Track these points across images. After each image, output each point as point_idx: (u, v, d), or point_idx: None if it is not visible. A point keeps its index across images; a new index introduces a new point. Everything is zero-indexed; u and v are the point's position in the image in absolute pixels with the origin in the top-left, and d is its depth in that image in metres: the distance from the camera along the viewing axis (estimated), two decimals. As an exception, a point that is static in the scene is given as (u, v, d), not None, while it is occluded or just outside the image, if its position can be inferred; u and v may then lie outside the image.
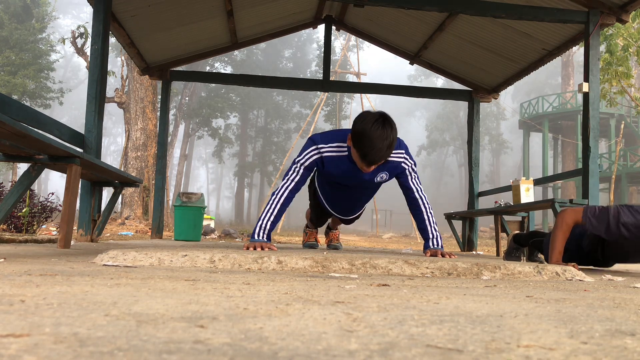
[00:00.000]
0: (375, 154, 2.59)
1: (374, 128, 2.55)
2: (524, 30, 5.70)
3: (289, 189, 2.89)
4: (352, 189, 3.23)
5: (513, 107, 40.84)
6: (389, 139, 2.58)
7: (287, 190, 2.89)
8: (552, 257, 2.78)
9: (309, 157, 2.90)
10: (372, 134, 2.55)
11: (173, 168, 36.79)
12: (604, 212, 2.72)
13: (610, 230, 2.69)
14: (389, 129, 2.58)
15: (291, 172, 2.92)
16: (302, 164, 2.90)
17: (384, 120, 2.59)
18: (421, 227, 3.04)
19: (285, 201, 2.88)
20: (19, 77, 20.16)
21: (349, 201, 3.48)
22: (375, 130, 2.55)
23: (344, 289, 1.43)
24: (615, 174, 14.84)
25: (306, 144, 2.95)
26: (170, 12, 5.76)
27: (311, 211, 4.05)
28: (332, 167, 2.94)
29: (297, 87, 8.24)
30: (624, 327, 0.92)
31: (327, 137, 2.92)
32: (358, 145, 2.62)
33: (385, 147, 2.58)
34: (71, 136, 4.11)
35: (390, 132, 2.58)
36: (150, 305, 0.97)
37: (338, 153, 2.89)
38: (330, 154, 2.90)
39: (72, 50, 30.39)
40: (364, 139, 2.58)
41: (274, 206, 2.86)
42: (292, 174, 2.91)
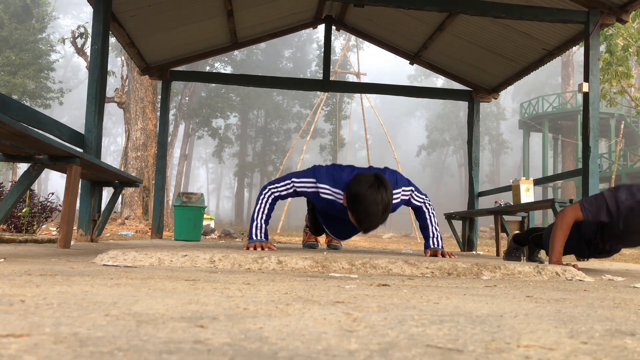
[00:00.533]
0: (371, 219, 2.55)
1: (368, 192, 2.50)
2: (524, 30, 5.70)
3: (274, 195, 2.89)
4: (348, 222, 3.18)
5: (513, 107, 40.85)
6: (384, 203, 2.52)
7: (273, 197, 2.89)
8: (552, 257, 2.78)
9: (306, 187, 2.88)
10: (366, 199, 2.50)
11: (173, 168, 36.78)
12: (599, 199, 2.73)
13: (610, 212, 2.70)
14: (384, 192, 2.52)
15: (283, 183, 2.90)
16: (296, 186, 2.88)
17: (379, 184, 2.53)
18: (423, 227, 3.07)
19: (271, 206, 2.90)
20: (19, 77, 20.16)
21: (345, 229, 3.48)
22: (370, 195, 2.50)
23: (344, 289, 1.43)
24: (615, 174, 14.85)
25: (308, 172, 2.92)
26: (170, 12, 5.75)
27: (309, 221, 4.04)
28: (327, 205, 2.93)
29: (297, 87, 8.24)
30: (624, 327, 0.92)
31: (330, 179, 2.85)
32: (353, 210, 2.58)
33: (380, 211, 2.53)
34: (71, 136, 4.11)
35: (385, 195, 2.52)
36: (150, 305, 0.97)
37: (335, 197, 2.85)
38: (327, 196, 2.86)
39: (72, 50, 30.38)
40: (359, 205, 2.53)
41: (264, 205, 2.88)
42: (283, 186, 2.89)
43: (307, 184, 2.87)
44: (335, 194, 2.84)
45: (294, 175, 2.93)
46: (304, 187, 2.88)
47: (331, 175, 2.86)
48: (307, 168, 2.99)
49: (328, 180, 2.84)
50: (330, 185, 2.83)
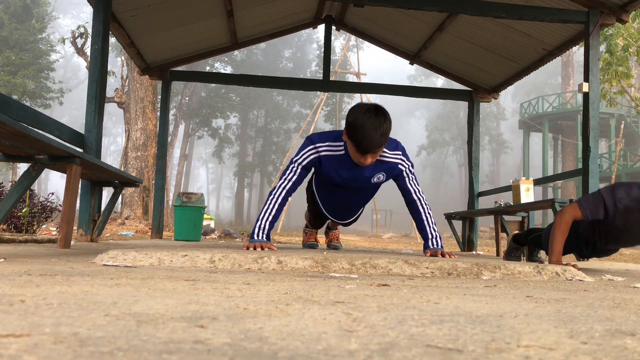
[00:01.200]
0: (369, 141, 2.57)
1: (366, 116, 2.55)
2: (524, 30, 5.70)
3: (286, 188, 2.89)
4: (348, 191, 3.19)
5: (513, 107, 40.84)
6: (383, 127, 2.56)
7: (285, 190, 2.88)
8: (552, 257, 2.78)
9: (307, 156, 2.90)
10: (365, 122, 2.55)
11: (173, 168, 36.78)
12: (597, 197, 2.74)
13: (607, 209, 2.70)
14: (382, 118, 2.57)
15: (289, 171, 2.92)
16: (299, 163, 2.90)
17: (377, 110, 2.59)
18: (420, 228, 3.04)
19: (282, 201, 2.88)
20: (19, 77, 20.17)
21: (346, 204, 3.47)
22: (368, 119, 2.55)
23: (344, 289, 1.43)
24: (615, 174, 14.85)
25: (304, 144, 2.95)
26: (170, 12, 5.75)
27: (309, 213, 4.05)
28: (329, 166, 2.94)
29: (297, 87, 8.24)
30: (624, 327, 0.92)
31: (324, 136, 2.92)
32: (352, 135, 2.62)
33: (379, 134, 2.56)
34: (71, 136, 4.11)
35: (383, 121, 2.57)
36: (150, 305, 0.97)
37: (335, 152, 2.89)
38: (328, 152, 2.89)
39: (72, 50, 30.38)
40: (357, 128, 2.57)
41: (272, 206, 2.86)
42: (290, 174, 2.91)
43: (307, 153, 2.89)
44: (336, 147, 2.87)
45: (292, 158, 2.96)
46: (306, 158, 2.89)
47: (328, 134, 2.92)
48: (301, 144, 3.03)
49: (325, 138, 2.89)
50: (329, 142, 2.87)
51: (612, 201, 2.69)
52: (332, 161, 2.92)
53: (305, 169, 2.92)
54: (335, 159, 2.90)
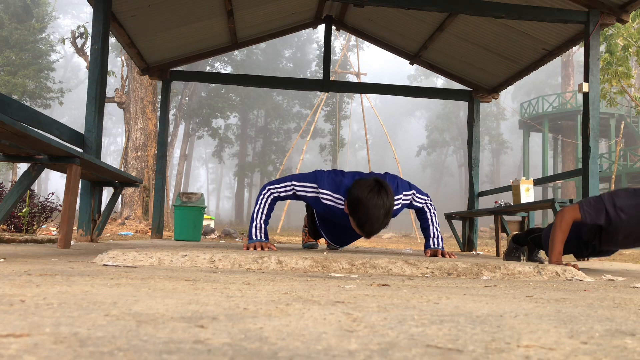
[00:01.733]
0: (372, 223, 2.54)
1: (369, 197, 2.50)
2: (524, 30, 5.70)
3: (274, 196, 2.87)
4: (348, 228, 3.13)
5: (513, 107, 40.84)
6: (386, 207, 2.52)
7: (273, 197, 2.87)
8: (552, 257, 2.78)
9: (306, 190, 2.86)
10: (367, 203, 2.49)
11: (173, 168, 36.78)
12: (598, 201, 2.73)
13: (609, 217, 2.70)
14: (385, 197, 2.52)
15: (284, 184, 2.88)
16: (296, 189, 2.86)
17: (380, 188, 2.53)
18: (424, 227, 3.07)
19: (270, 206, 2.88)
20: (19, 77, 20.17)
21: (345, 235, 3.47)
22: (371, 200, 2.49)
23: (344, 289, 1.43)
24: (615, 174, 14.84)
25: (309, 176, 2.89)
26: (170, 12, 5.75)
27: (309, 226, 4.02)
28: (328, 211, 2.91)
29: (297, 87, 8.24)
30: (624, 327, 0.92)
31: (331, 184, 2.84)
32: (355, 215, 2.58)
33: (382, 216, 2.53)
34: (71, 136, 4.11)
35: (386, 200, 2.52)
36: (150, 305, 0.97)
37: (336, 204, 2.84)
38: (327, 202, 2.84)
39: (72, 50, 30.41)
40: (360, 209, 2.53)
41: (263, 206, 2.86)
42: (284, 188, 2.87)
43: (308, 188, 2.86)
44: (336, 199, 2.82)
45: (295, 177, 2.91)
46: (304, 191, 2.86)
47: (332, 181, 2.84)
48: (308, 172, 2.96)
49: (329, 185, 2.82)
50: (331, 191, 2.81)
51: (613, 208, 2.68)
52: (331, 209, 2.88)
53: (297, 196, 2.90)
54: (334, 208, 2.87)
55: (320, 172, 2.90)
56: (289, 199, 2.94)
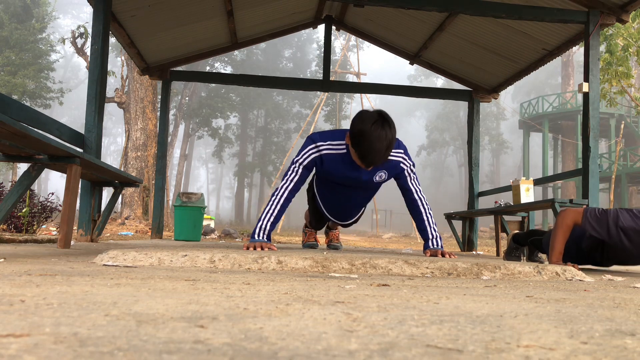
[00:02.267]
0: (375, 155, 2.56)
1: (372, 128, 2.52)
2: (524, 30, 5.70)
3: (288, 189, 2.88)
4: (350, 190, 3.18)
5: (513, 107, 40.84)
6: (388, 139, 2.55)
7: (287, 190, 2.88)
8: (552, 257, 2.78)
9: (308, 156, 2.89)
10: (370, 134, 2.52)
11: (173, 168, 36.79)
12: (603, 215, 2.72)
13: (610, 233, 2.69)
14: (388, 129, 2.55)
15: (290, 172, 2.91)
16: (300, 163, 2.89)
17: (383, 120, 2.56)
18: (421, 228, 3.03)
19: (284, 202, 2.86)
20: (19, 77, 20.17)
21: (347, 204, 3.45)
22: (374, 131, 2.52)
23: (344, 289, 1.43)
24: (615, 174, 14.84)
25: (305, 143, 2.94)
26: (170, 12, 5.75)
27: (310, 215, 4.04)
28: (330, 165, 2.93)
29: (297, 87, 8.24)
30: (624, 327, 0.92)
31: (326, 135, 2.90)
32: (357, 146, 2.60)
33: (384, 147, 2.55)
34: (71, 136, 4.11)
35: (389, 132, 2.55)
36: (150, 305, 0.97)
37: (337, 151, 2.87)
38: (329, 151, 2.87)
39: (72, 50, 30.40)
40: (363, 140, 2.55)
41: (274, 207, 2.85)
42: (291, 174, 2.90)
43: (309, 152, 2.87)
44: (336, 146, 2.85)
45: (294, 158, 2.94)
46: (307, 157, 2.87)
47: (329, 134, 2.90)
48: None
49: (327, 137, 2.87)
50: (330, 141, 2.85)
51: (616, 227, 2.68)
52: (334, 160, 2.90)
53: (306, 168, 2.91)
54: (336, 157, 2.89)
55: (314, 134, 2.94)
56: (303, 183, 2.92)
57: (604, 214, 2.72)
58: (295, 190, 2.90)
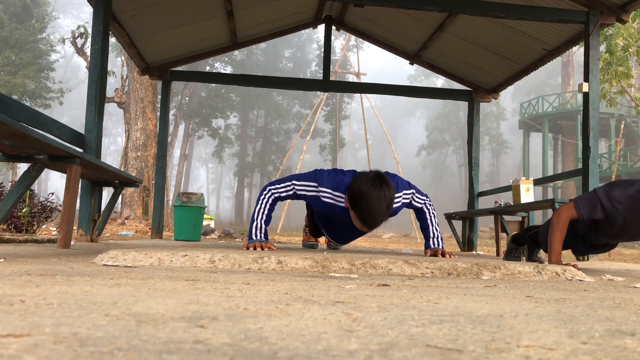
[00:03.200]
0: (375, 217, 2.54)
1: (371, 190, 2.50)
2: (524, 30, 5.70)
3: (275, 196, 2.87)
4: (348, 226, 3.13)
5: (513, 107, 40.83)
6: (387, 199, 2.52)
7: (274, 197, 2.88)
8: (552, 257, 2.78)
9: (306, 189, 2.86)
10: (369, 196, 2.49)
11: (173, 168, 36.78)
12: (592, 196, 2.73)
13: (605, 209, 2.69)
14: (387, 189, 2.52)
15: (284, 185, 2.88)
16: (296, 188, 2.87)
17: (381, 181, 2.54)
18: (424, 227, 3.07)
19: (271, 207, 2.89)
20: (19, 77, 20.17)
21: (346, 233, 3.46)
22: (372, 192, 2.49)
23: (344, 289, 1.43)
24: (615, 174, 14.83)
25: (309, 175, 2.90)
26: (170, 12, 5.75)
27: (309, 225, 4.03)
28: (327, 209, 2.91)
29: (297, 87, 8.25)
30: (624, 327, 0.92)
31: (331, 182, 2.84)
32: (356, 209, 2.57)
33: (384, 208, 2.53)
34: (71, 136, 4.11)
35: (387, 192, 2.52)
36: (150, 305, 0.97)
37: (336, 202, 2.84)
38: (328, 200, 2.84)
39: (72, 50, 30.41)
40: (362, 202, 2.52)
41: (264, 207, 2.87)
42: (284, 188, 2.88)
43: (308, 187, 2.86)
44: (336, 197, 2.82)
45: (295, 177, 2.91)
46: (304, 190, 2.86)
47: (333, 179, 2.84)
48: (308, 171, 2.97)
49: (330, 183, 2.83)
50: (331, 189, 2.82)
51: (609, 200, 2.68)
52: (332, 207, 2.88)
53: (298, 196, 2.90)
54: (334, 206, 2.87)
55: (320, 171, 2.90)
56: (289, 199, 2.95)
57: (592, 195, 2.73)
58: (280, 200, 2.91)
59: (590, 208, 2.72)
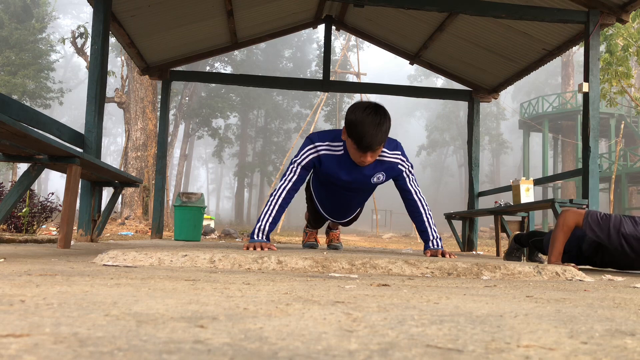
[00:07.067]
0: (370, 137, 2.55)
1: (366, 113, 2.54)
2: (524, 30, 5.70)
3: (287, 189, 2.88)
4: (346, 192, 3.17)
5: (513, 107, 40.83)
6: (383, 123, 2.55)
7: (285, 190, 2.88)
8: (552, 257, 2.78)
9: (307, 156, 2.89)
10: (364, 119, 2.53)
11: (173, 168, 36.79)
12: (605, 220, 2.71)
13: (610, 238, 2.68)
14: (382, 115, 2.56)
15: (289, 172, 2.91)
16: (299, 163, 2.89)
17: (377, 107, 2.58)
18: (421, 229, 3.02)
19: (283, 202, 2.87)
20: (19, 77, 20.17)
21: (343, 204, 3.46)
22: (368, 115, 2.54)
23: (344, 289, 1.43)
24: (615, 174, 14.84)
25: (304, 143, 2.94)
26: (170, 12, 5.75)
27: (308, 214, 4.05)
28: (329, 166, 2.93)
29: (297, 87, 8.24)
30: (624, 327, 0.92)
31: (324, 135, 2.90)
32: (353, 133, 2.59)
33: (379, 130, 2.55)
34: (71, 136, 4.11)
35: (383, 117, 2.56)
36: (150, 305, 0.97)
37: (335, 151, 2.87)
38: (327, 152, 2.88)
39: (72, 50, 30.40)
40: (358, 125, 2.55)
41: (273, 207, 2.86)
42: (290, 174, 2.90)
43: (307, 152, 2.88)
44: (335, 147, 2.86)
45: (292, 159, 2.95)
46: (306, 158, 2.88)
47: (328, 134, 2.91)
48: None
49: (324, 138, 2.88)
50: (329, 141, 2.86)
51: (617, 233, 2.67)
52: (332, 161, 2.90)
53: (305, 168, 2.91)
54: (334, 158, 2.89)
55: (314, 133, 2.95)
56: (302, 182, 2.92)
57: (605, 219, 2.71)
58: (293, 190, 2.90)
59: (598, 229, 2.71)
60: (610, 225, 2.69)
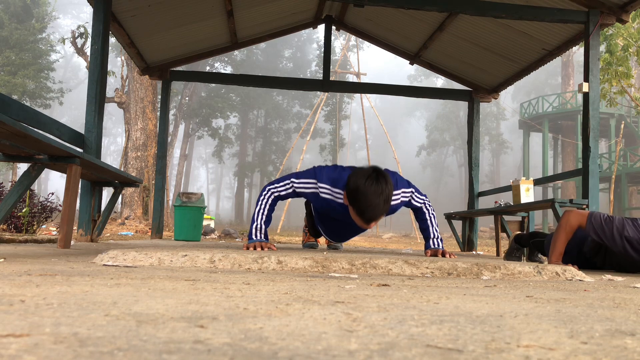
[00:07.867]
0: (373, 210, 2.54)
1: (368, 184, 2.50)
2: (524, 30, 5.70)
3: (275, 195, 2.88)
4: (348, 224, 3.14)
5: (513, 107, 40.83)
6: (385, 193, 2.52)
7: (273, 197, 2.88)
8: (552, 257, 2.78)
9: (305, 187, 2.87)
10: (366, 190, 2.50)
11: (173, 168, 36.78)
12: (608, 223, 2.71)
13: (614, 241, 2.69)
14: (384, 183, 2.53)
15: (284, 183, 2.89)
16: (295, 186, 2.87)
17: (378, 175, 2.54)
18: (423, 228, 3.07)
19: (271, 207, 2.89)
20: (19, 77, 20.17)
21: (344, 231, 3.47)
22: (370, 186, 2.50)
23: (344, 289, 1.43)
24: (615, 174, 14.83)
25: (309, 172, 2.91)
26: (170, 12, 5.75)
27: (307, 223, 4.04)
28: (326, 206, 2.91)
29: (297, 87, 8.24)
30: (624, 327, 0.92)
31: (330, 179, 2.84)
32: (354, 203, 2.57)
33: (382, 202, 2.53)
34: (71, 136, 4.11)
35: (385, 187, 2.52)
36: (150, 305, 0.97)
37: (336, 197, 2.84)
38: (326, 196, 2.85)
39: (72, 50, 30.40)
40: (360, 198, 2.52)
41: (264, 207, 2.87)
42: (284, 187, 2.88)
43: (307, 184, 2.87)
44: (335, 193, 2.83)
45: (294, 175, 2.92)
46: (303, 187, 2.87)
47: (331, 175, 2.85)
48: (308, 168, 2.98)
49: (328, 180, 2.83)
50: (330, 185, 2.82)
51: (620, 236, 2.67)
52: (331, 204, 2.88)
53: (297, 193, 2.90)
54: (334, 203, 2.87)
55: (320, 168, 2.91)
56: (289, 198, 2.95)
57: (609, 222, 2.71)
58: (281, 199, 2.92)
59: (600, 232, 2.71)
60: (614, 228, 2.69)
